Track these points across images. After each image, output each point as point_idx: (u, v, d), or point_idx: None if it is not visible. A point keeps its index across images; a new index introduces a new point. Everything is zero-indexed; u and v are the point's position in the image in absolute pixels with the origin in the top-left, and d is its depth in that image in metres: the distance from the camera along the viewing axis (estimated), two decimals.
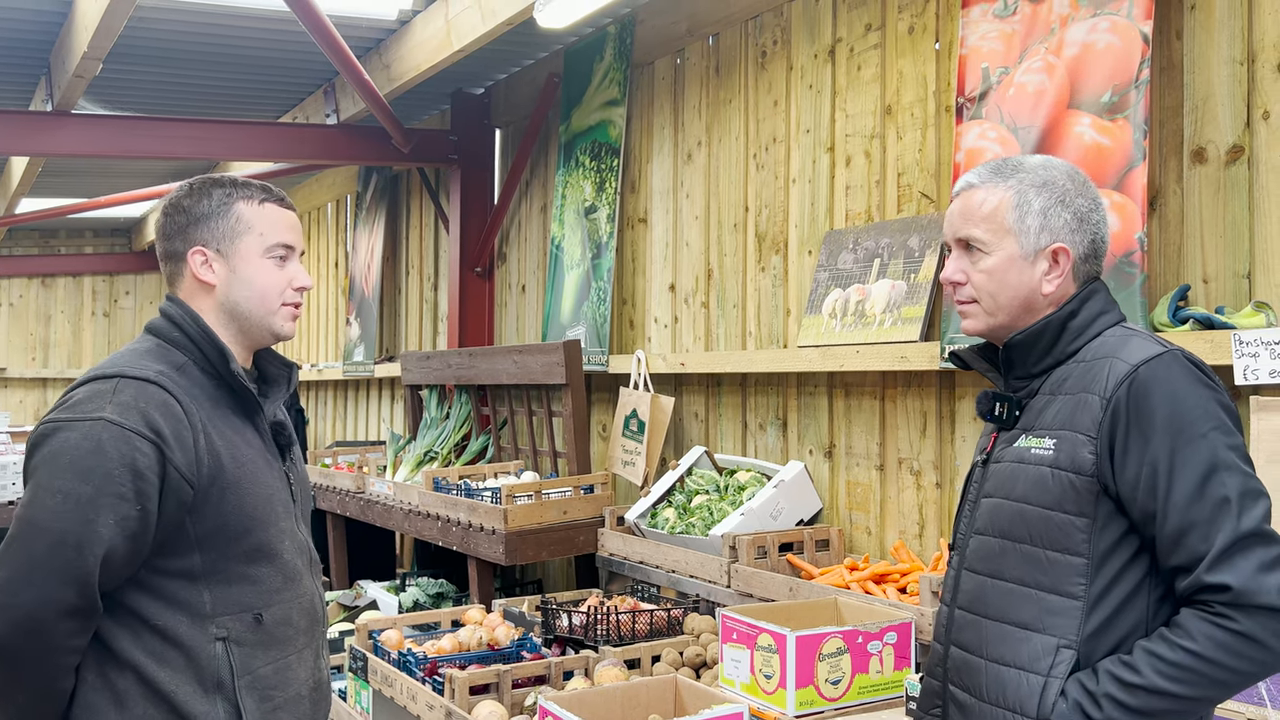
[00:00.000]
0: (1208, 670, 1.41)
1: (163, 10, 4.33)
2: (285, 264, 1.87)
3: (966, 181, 1.73)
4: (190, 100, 5.83)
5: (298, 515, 1.90)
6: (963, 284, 1.69)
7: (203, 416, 1.71)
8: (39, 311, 10.68)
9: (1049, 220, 1.66)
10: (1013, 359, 1.69)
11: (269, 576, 1.78)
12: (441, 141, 5.83)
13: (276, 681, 1.76)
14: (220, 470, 1.71)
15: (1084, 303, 1.66)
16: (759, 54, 4.13)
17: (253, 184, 1.89)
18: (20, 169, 6.46)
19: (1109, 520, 1.53)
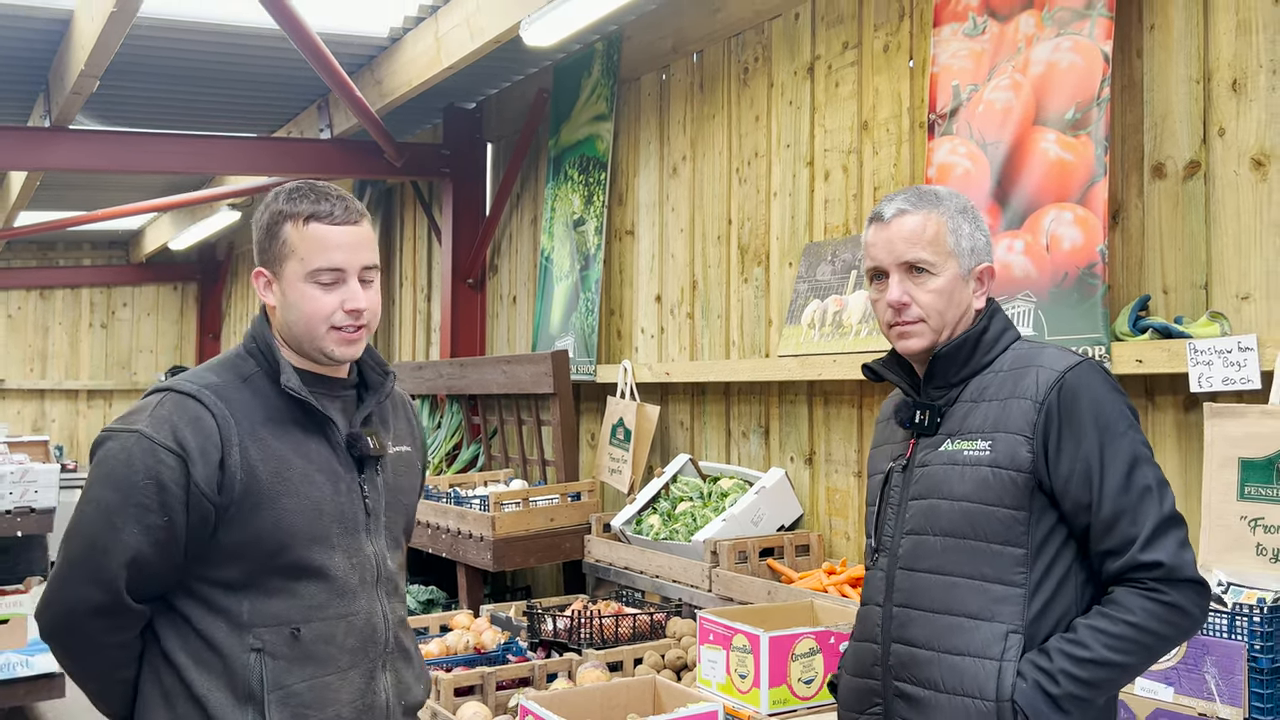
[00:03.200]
0: (1145, 639, 1.57)
1: (159, 28, 4.43)
2: (334, 288, 1.72)
3: (897, 208, 1.80)
4: (186, 115, 5.92)
5: (369, 529, 1.81)
6: (909, 305, 1.77)
7: (245, 430, 1.70)
8: (37, 323, 10.76)
9: (975, 243, 1.81)
10: (935, 371, 1.80)
11: (313, 592, 1.73)
12: (434, 155, 5.92)
13: (312, 700, 1.71)
14: (254, 484, 1.69)
15: (992, 319, 1.82)
16: (741, 71, 4.23)
17: (307, 198, 1.75)
18: (19, 183, 6.55)
19: (1043, 513, 1.67)
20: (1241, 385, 2.38)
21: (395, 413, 1.95)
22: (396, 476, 1.89)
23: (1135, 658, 1.59)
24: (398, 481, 1.89)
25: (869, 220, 1.85)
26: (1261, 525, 2.29)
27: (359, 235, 1.75)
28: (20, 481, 5.03)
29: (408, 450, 1.94)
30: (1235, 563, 2.31)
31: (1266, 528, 2.29)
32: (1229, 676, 2.07)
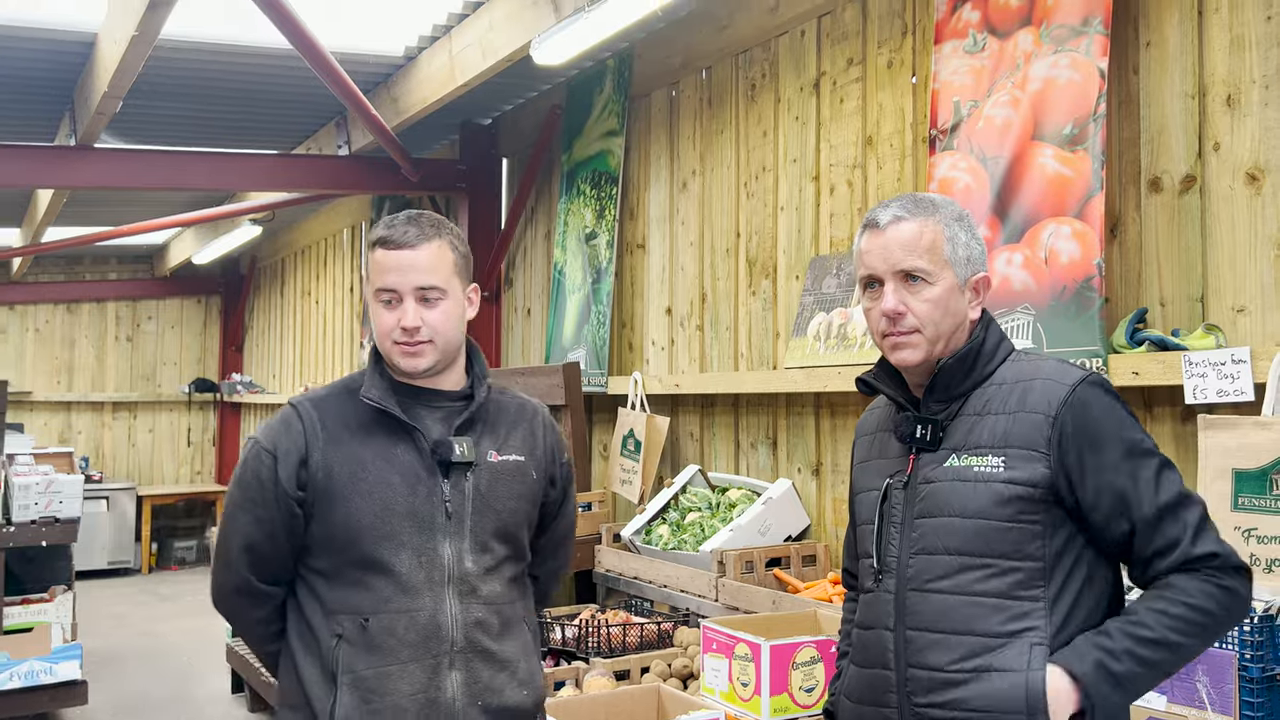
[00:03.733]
0: (1204, 620, 1.59)
1: (180, 49, 4.54)
2: (392, 307, 1.86)
3: (893, 214, 1.74)
4: (208, 133, 6.05)
5: (448, 531, 1.89)
6: (904, 314, 1.71)
7: (330, 435, 1.89)
8: (64, 336, 10.95)
9: (971, 252, 1.76)
10: (938, 384, 1.74)
11: (381, 586, 1.85)
12: (450, 170, 6.02)
13: (376, 687, 1.82)
14: (331, 483, 1.86)
15: (988, 330, 1.78)
16: (749, 87, 4.29)
17: (385, 225, 1.90)
18: (46, 199, 6.70)
19: (1058, 526, 1.65)
20: (1235, 397, 2.41)
21: (512, 423, 2.02)
22: (493, 483, 1.94)
23: (1193, 639, 1.60)
24: (493, 488, 1.94)
25: (863, 226, 1.79)
26: (1255, 536, 2.32)
27: (413, 258, 1.85)
28: (45, 492, 5.14)
29: (518, 459, 1.98)
30: None
31: (1260, 538, 2.31)
32: (1220, 685, 2.10)
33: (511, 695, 1.92)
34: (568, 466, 2.14)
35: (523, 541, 2.00)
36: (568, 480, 2.14)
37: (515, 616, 1.97)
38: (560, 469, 2.11)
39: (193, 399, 11.33)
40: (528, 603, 2.05)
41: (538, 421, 2.07)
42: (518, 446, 1.99)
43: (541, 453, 2.04)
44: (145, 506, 10.02)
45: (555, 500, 2.12)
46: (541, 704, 2.02)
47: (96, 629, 7.04)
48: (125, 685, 5.85)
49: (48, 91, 5.01)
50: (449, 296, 1.89)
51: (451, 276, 1.90)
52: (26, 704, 4.71)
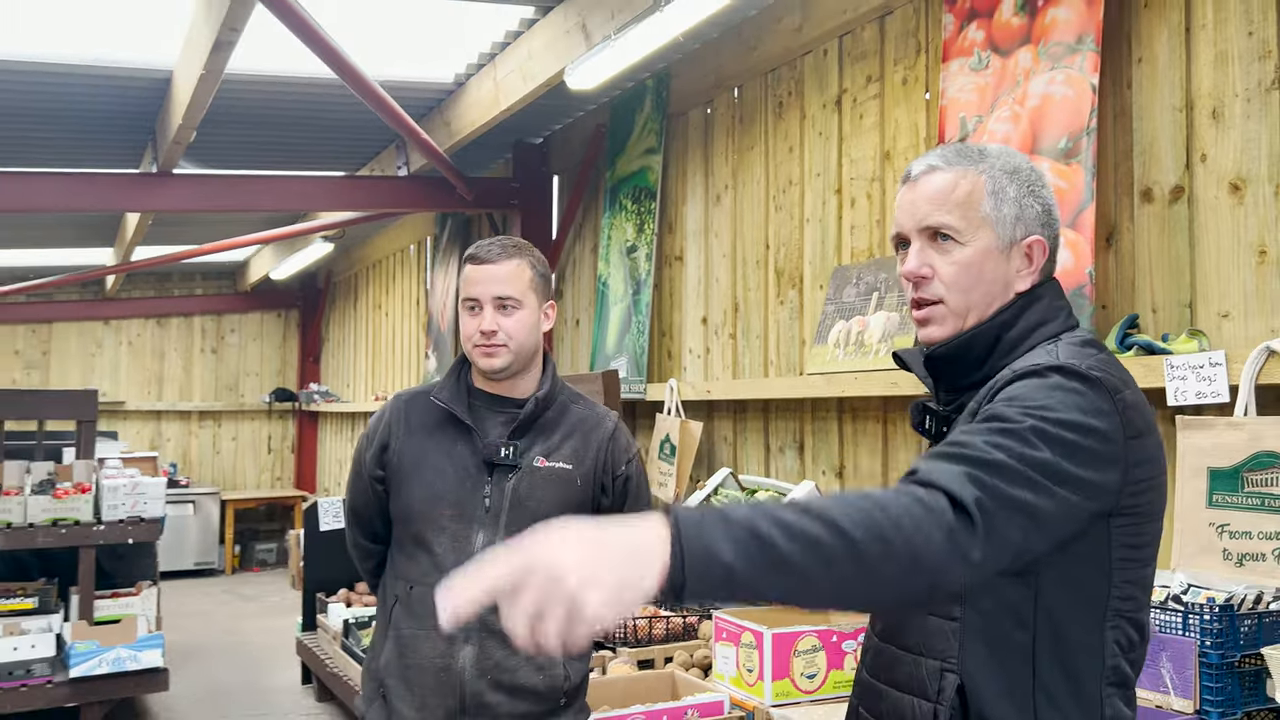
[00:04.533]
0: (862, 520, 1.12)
1: (247, 83, 4.90)
2: (477, 313, 2.11)
3: (928, 164, 1.46)
4: (278, 157, 6.44)
5: (484, 523, 2.10)
6: (929, 278, 1.44)
7: (408, 428, 2.19)
8: (154, 349, 11.59)
9: (1024, 210, 1.44)
10: (940, 373, 1.49)
11: (424, 561, 2.13)
12: (503, 188, 6.30)
13: (409, 646, 2.11)
14: (401, 468, 2.17)
15: (1022, 312, 1.43)
16: (776, 104, 4.46)
17: (477, 246, 2.18)
18: (134, 221, 7.19)
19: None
20: (1212, 399, 2.51)
21: (569, 433, 2.18)
22: (532, 487, 2.12)
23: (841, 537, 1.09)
24: (531, 491, 2.12)
25: (900, 181, 1.53)
26: (1228, 531, 2.42)
27: (494, 272, 2.12)
28: (132, 494, 5.54)
29: (564, 467, 2.15)
30: (1204, 566, 2.44)
31: (1232, 533, 2.41)
32: (1182, 671, 2.21)
33: (525, 677, 2.08)
34: (625, 479, 2.24)
35: None
36: (624, 492, 2.24)
37: None
38: (615, 480, 2.22)
39: (273, 408, 11.86)
40: None
41: (595, 434, 2.21)
42: (567, 455, 2.16)
43: (591, 463, 2.18)
44: (229, 511, 10.55)
45: (610, 509, 2.23)
46: (566, 693, 2.14)
47: (181, 624, 7.48)
48: (205, 676, 6.25)
49: (132, 123, 5.43)
50: (524, 307, 2.12)
51: (528, 291, 2.13)
52: (114, 689, 5.09)
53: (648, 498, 2.30)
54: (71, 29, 4.27)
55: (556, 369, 2.26)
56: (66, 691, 4.96)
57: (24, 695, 4.90)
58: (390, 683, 2.13)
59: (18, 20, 4.15)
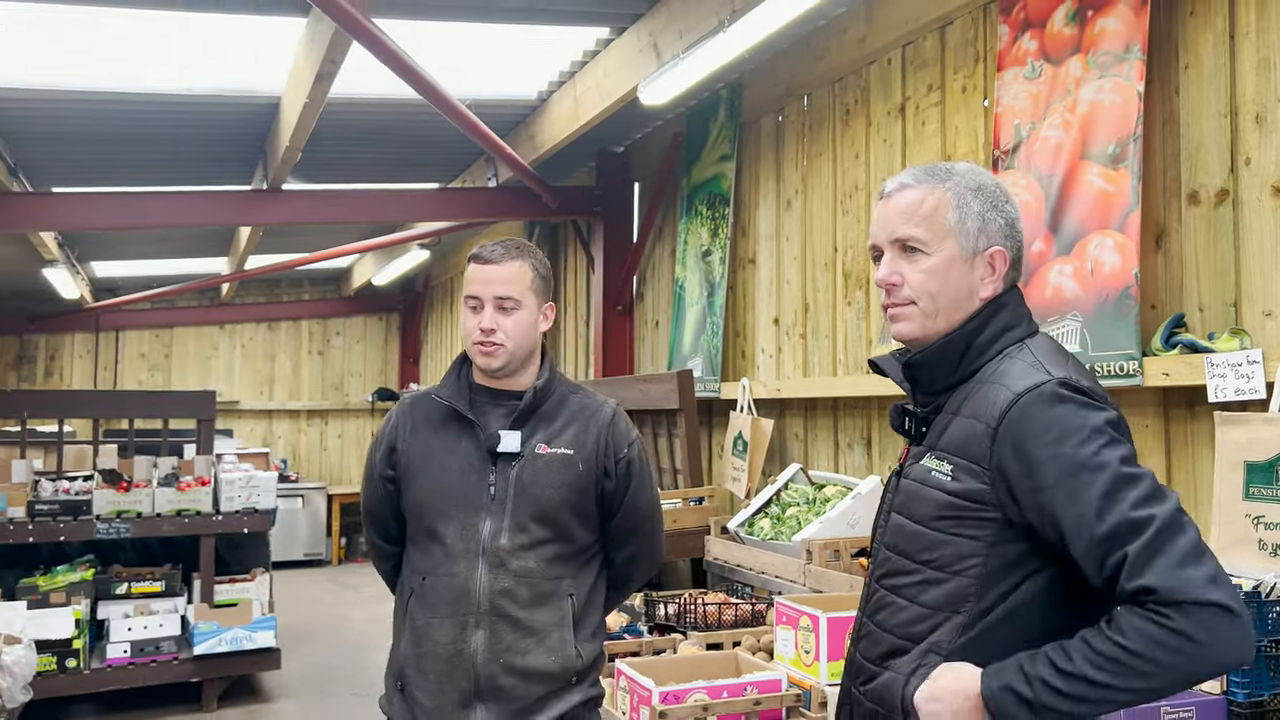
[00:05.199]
0: (1133, 663, 1.38)
1: (346, 106, 5.28)
2: (477, 311, 2.17)
3: (900, 182, 1.63)
4: (376, 172, 6.85)
5: (490, 510, 2.15)
6: (899, 285, 1.60)
7: (414, 427, 2.25)
8: (265, 351, 12.28)
9: (986, 223, 1.60)
10: (918, 375, 1.63)
11: (435, 552, 2.17)
12: (587, 196, 6.58)
13: (423, 635, 2.15)
14: (409, 465, 2.23)
15: (990, 318, 1.59)
16: (843, 112, 4.62)
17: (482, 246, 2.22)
18: (246, 233, 7.72)
19: (1002, 545, 1.51)
20: (1250, 395, 2.60)
21: (569, 420, 2.24)
22: (538, 472, 2.17)
23: (1122, 679, 1.39)
24: (535, 477, 2.17)
25: (877, 198, 1.69)
26: (1263, 522, 2.51)
27: (498, 273, 2.16)
28: (246, 486, 6.00)
29: (566, 453, 2.20)
30: (1240, 557, 2.53)
31: (1267, 524, 2.50)
32: None
33: (536, 659, 2.12)
34: (626, 463, 2.26)
35: (567, 525, 2.19)
36: (627, 475, 2.26)
37: (554, 591, 2.16)
38: (616, 464, 2.24)
39: (375, 407, 12.43)
40: (580, 581, 2.21)
41: (595, 420, 2.25)
42: (568, 441, 2.21)
43: (592, 448, 2.22)
44: (335, 505, 11.12)
45: (614, 492, 2.25)
46: (578, 671, 2.17)
47: (292, 610, 7.98)
48: (313, 656, 6.69)
49: (244, 144, 5.89)
50: (523, 308, 2.17)
51: (528, 292, 2.19)
52: (232, 666, 5.54)
53: (650, 481, 2.33)
54: (186, 61, 4.69)
55: (554, 364, 2.31)
56: (191, 667, 5.43)
57: (153, 670, 5.38)
58: (408, 673, 2.17)
59: (138, 57, 4.59)
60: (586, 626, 2.22)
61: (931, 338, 1.61)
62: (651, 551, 2.38)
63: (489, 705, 2.11)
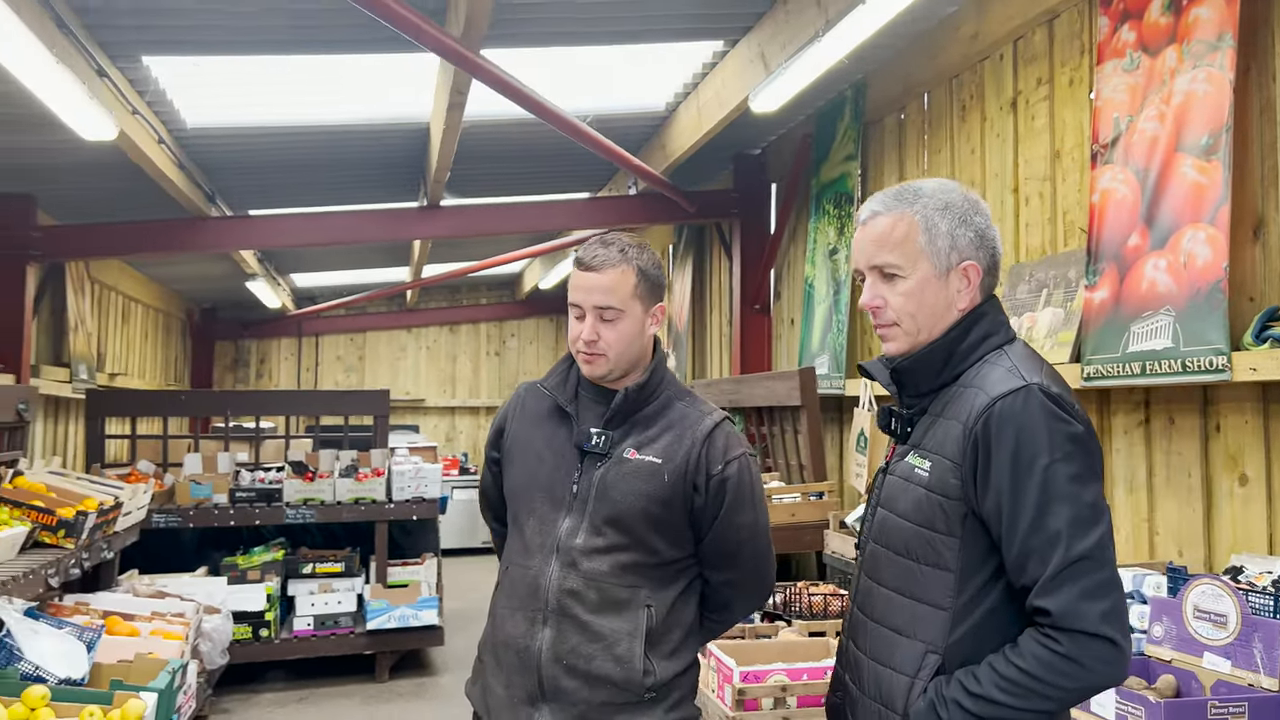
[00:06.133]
0: (1032, 685, 1.53)
1: (486, 128, 5.70)
2: (580, 319, 2.09)
3: (871, 210, 1.75)
4: (530, 184, 7.30)
5: (570, 508, 2.08)
6: (882, 308, 1.73)
7: (520, 412, 2.23)
8: (447, 353, 13.15)
9: (956, 240, 1.70)
10: (903, 381, 1.75)
11: (517, 542, 2.15)
12: (724, 199, 6.79)
13: (500, 623, 2.14)
14: (511, 451, 2.21)
15: (970, 327, 1.70)
16: (960, 108, 4.63)
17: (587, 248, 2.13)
18: (418, 245, 8.37)
19: (974, 540, 1.62)
20: None
21: (664, 429, 2.11)
22: (621, 477, 2.06)
23: (1023, 701, 1.54)
24: (619, 481, 2.06)
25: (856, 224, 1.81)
26: None
27: (599, 281, 2.06)
28: (415, 477, 6.56)
29: (653, 461, 2.07)
30: None
31: None
32: (1271, 651, 2.31)
33: (601, 666, 2.01)
34: (720, 481, 2.08)
35: (645, 536, 2.06)
36: (720, 493, 2.08)
37: (627, 599, 2.03)
38: (708, 481, 2.08)
39: None
40: (661, 595, 2.07)
41: (691, 433, 2.10)
42: (659, 450, 2.08)
43: (681, 460, 2.07)
44: None
45: (706, 510, 2.09)
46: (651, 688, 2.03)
47: (463, 595, 8.57)
48: (476, 636, 7.21)
49: (406, 166, 6.45)
50: (626, 317, 2.06)
51: (630, 299, 2.06)
52: (401, 641, 6.10)
53: (753, 504, 2.13)
54: (353, 95, 5.23)
55: (665, 364, 2.20)
56: (365, 641, 6.02)
57: (333, 642, 6.00)
58: (486, 658, 2.18)
59: (306, 93, 5.16)
60: (665, 643, 2.07)
61: (918, 349, 1.73)
62: (755, 579, 2.17)
63: (553, 706, 2.03)
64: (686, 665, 2.11)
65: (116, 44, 4.23)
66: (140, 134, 4.88)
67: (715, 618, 2.19)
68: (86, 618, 4.15)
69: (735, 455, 2.11)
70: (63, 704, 3.27)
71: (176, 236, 6.43)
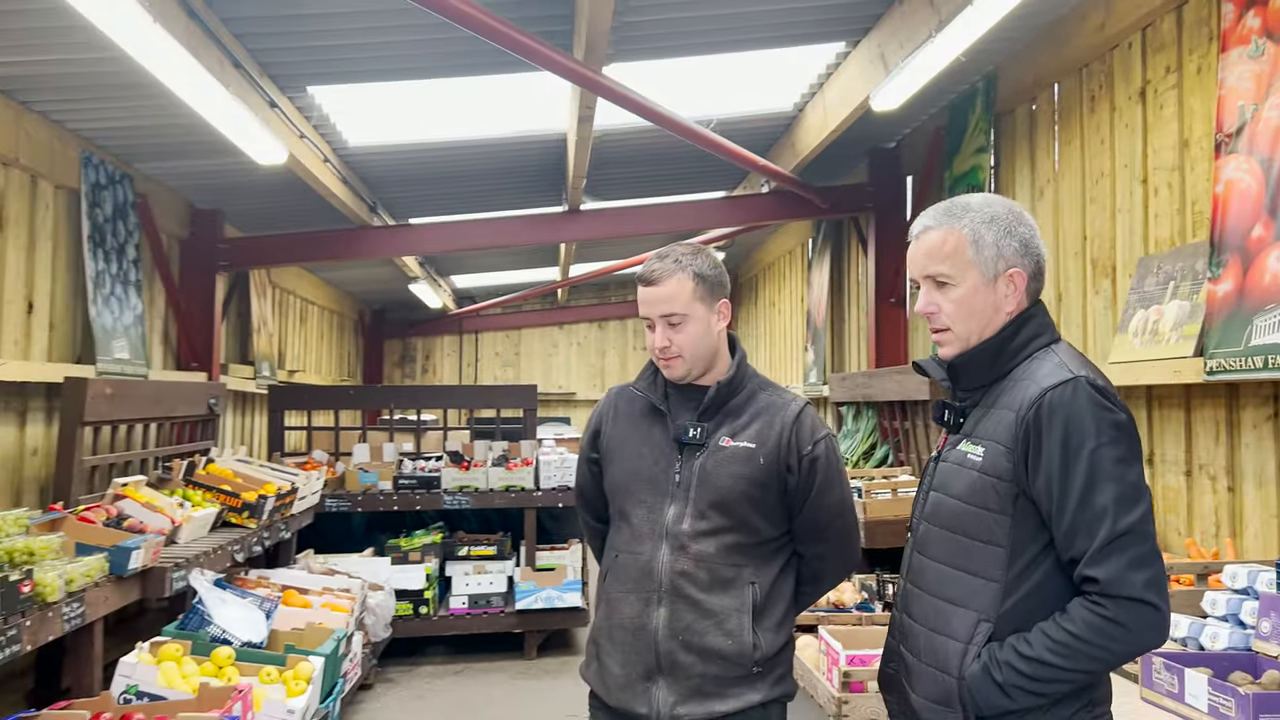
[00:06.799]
0: (1082, 647, 1.69)
1: (618, 136, 5.97)
2: (652, 329, 2.29)
3: (923, 225, 1.91)
4: (661, 185, 7.54)
5: (673, 496, 2.24)
6: (936, 313, 1.89)
7: (615, 414, 2.39)
8: (597, 348, 13.61)
9: (1001, 249, 1.85)
10: (958, 376, 1.92)
11: (625, 531, 2.30)
12: (858, 193, 6.83)
13: (613, 608, 2.28)
14: (609, 450, 2.37)
15: (1020, 328, 1.86)
16: (1089, 98, 4.56)
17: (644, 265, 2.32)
18: (564, 246, 8.76)
19: (1024, 518, 1.78)
20: None
21: (755, 416, 2.28)
22: (719, 463, 2.24)
23: (1074, 663, 1.69)
24: (718, 467, 2.23)
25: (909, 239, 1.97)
26: None
27: (656, 293, 2.27)
28: (560, 466, 6.91)
29: (748, 446, 2.24)
30: None
31: None
32: None
33: (714, 640, 2.17)
34: (810, 461, 2.24)
35: (746, 516, 2.23)
36: (811, 472, 2.24)
37: (734, 578, 2.21)
38: (800, 461, 2.24)
39: None
40: (763, 572, 2.24)
41: (780, 417, 2.27)
42: (751, 436, 2.25)
43: (774, 443, 2.24)
44: None
45: (798, 488, 2.24)
46: (758, 661, 2.19)
47: None
48: None
49: (548, 174, 6.81)
50: (690, 319, 2.25)
51: (692, 303, 2.25)
52: (547, 621, 6.47)
53: (840, 482, 2.31)
54: (490, 111, 5.60)
55: (746, 359, 2.36)
56: (514, 620, 6.42)
57: (485, 620, 6.43)
58: (601, 641, 2.30)
59: (454, 111, 5.55)
60: (769, 616, 2.23)
61: (971, 349, 1.89)
62: (843, 551, 2.34)
63: (669, 680, 2.18)
64: (788, 638, 2.28)
65: (286, 77, 4.71)
66: (308, 155, 5.39)
67: (808, 590, 2.35)
68: (266, 590, 4.66)
69: (821, 436, 2.28)
70: (245, 664, 3.74)
71: (343, 244, 7.01)
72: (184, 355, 6.45)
